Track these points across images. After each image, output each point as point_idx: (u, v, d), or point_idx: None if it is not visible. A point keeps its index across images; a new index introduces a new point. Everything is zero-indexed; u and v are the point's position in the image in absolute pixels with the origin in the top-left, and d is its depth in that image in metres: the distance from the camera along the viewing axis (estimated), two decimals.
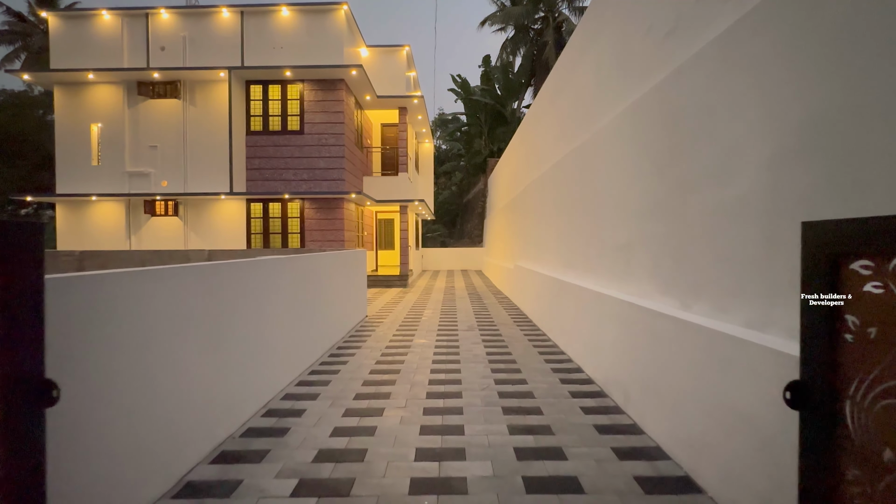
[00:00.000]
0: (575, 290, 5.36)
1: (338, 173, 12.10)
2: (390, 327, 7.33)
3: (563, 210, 6.68)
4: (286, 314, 4.32)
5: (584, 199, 5.49)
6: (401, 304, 10.15)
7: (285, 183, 12.11)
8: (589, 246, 5.29)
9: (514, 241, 11.96)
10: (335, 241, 12.12)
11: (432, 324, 7.57)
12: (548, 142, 8.13)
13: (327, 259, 5.96)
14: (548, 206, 7.73)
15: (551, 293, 6.58)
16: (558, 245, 6.88)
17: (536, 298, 7.64)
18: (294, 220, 12.18)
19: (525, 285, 8.87)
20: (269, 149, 12.11)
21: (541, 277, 7.41)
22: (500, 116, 28.03)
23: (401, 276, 14.26)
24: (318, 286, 5.49)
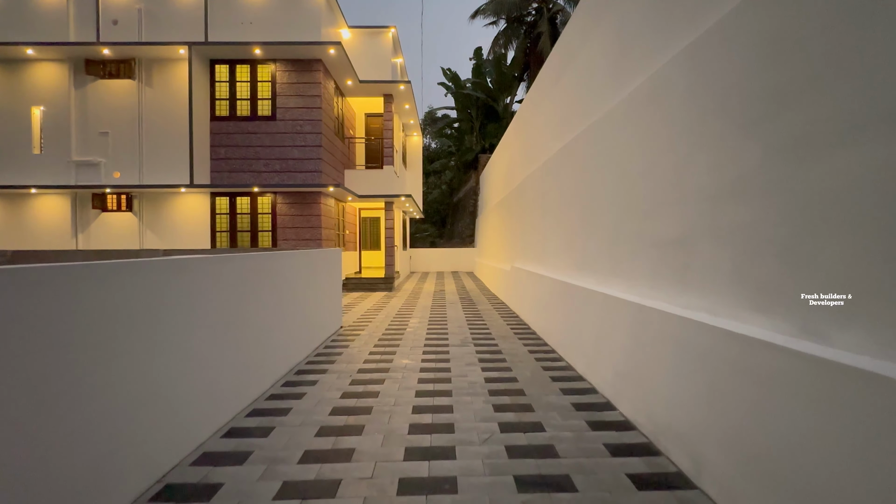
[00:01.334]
0: (597, 299, 4.22)
1: (314, 164, 10.84)
2: (368, 342, 6.11)
3: (574, 201, 5.55)
4: (213, 336, 3.09)
5: (608, 185, 4.36)
6: (384, 310, 8.93)
7: (255, 175, 10.82)
8: (616, 243, 4.16)
9: (510, 241, 10.83)
10: (311, 241, 10.85)
11: (418, 337, 6.37)
12: (552, 125, 7.00)
13: (284, 260, 4.74)
14: (552, 198, 6.59)
15: (562, 301, 5.43)
16: (568, 244, 5.75)
17: (540, 306, 6.50)
18: (265, 217, 10.88)
19: (525, 290, 7.74)
20: (236, 136, 10.80)
21: (545, 282, 6.27)
22: (492, 111, 26.97)
23: (386, 278, 13.03)
24: (269, 294, 4.26)
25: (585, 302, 4.58)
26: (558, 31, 23.00)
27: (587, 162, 5.06)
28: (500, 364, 4.92)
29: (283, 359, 4.53)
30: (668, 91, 3.24)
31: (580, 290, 4.79)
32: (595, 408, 3.59)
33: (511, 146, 11.74)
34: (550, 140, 7.06)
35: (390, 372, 4.62)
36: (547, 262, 6.79)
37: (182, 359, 2.74)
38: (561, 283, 5.56)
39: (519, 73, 25.65)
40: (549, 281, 6.16)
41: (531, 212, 8.15)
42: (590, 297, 4.46)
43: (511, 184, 11.26)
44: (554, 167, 6.55)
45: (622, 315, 3.59)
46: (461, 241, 24.30)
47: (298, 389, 4.08)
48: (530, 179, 8.36)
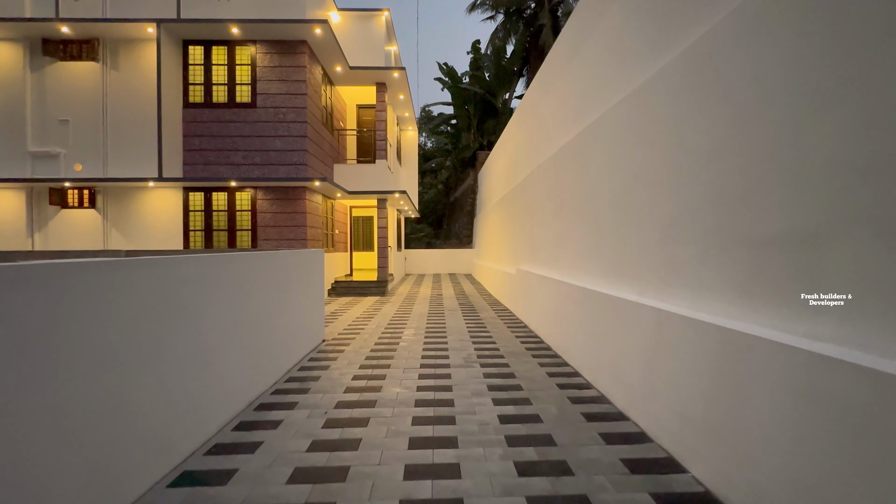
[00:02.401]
0: (647, 317, 3.26)
1: (299, 156, 9.82)
2: (353, 360, 5.12)
3: (601, 193, 4.60)
4: (91, 383, 2.09)
5: (657, 170, 3.40)
6: (375, 318, 7.92)
7: (233, 168, 9.78)
8: (672, 243, 3.19)
9: (514, 241, 9.87)
10: (295, 240, 9.82)
11: (413, 354, 5.38)
12: (567, 107, 6.05)
13: (239, 264, 3.73)
14: (570, 191, 5.64)
15: (586, 313, 4.47)
16: (594, 244, 4.78)
17: (556, 316, 5.54)
18: (244, 214, 9.84)
19: (535, 296, 6.77)
20: (212, 125, 9.76)
21: (562, 289, 5.30)
22: (491, 107, 26.03)
23: (378, 282, 12.02)
24: (216, 310, 3.25)
25: (624, 317, 3.61)
26: (560, 24, 22.11)
27: (621, 144, 4.10)
28: (515, 394, 3.94)
29: (234, 392, 3.51)
30: (772, 18, 2.28)
31: (614, 302, 3.83)
32: (656, 468, 2.62)
33: (514, 139, 10.78)
34: (566, 124, 6.10)
35: (377, 407, 3.62)
36: (563, 265, 5.82)
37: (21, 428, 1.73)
38: (584, 291, 4.59)
39: (518, 67, 24.73)
40: (567, 288, 5.19)
41: (541, 208, 7.19)
42: (632, 312, 3.49)
43: (514, 179, 10.30)
44: (572, 154, 5.58)
45: (693, 341, 2.62)
46: (459, 241, 23.34)
47: (253, 436, 3.08)
48: (539, 172, 7.39)
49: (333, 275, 12.12)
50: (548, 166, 6.78)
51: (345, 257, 13.74)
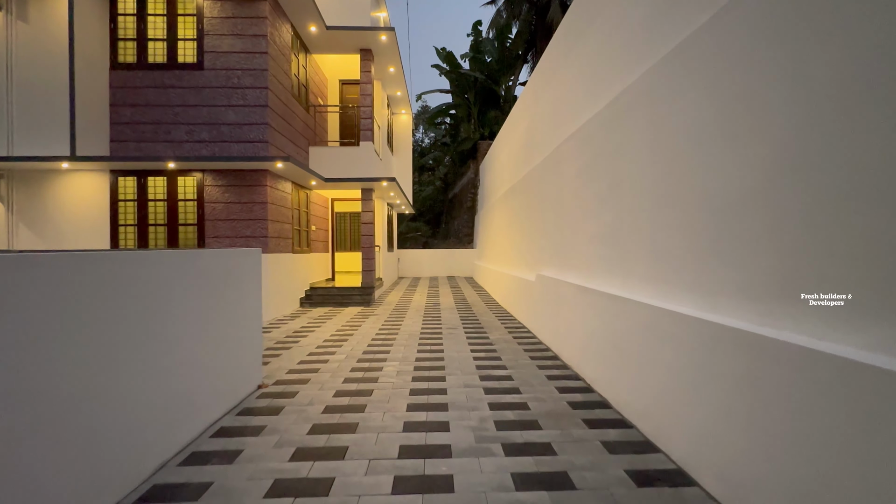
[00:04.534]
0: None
1: (258, 131, 7.76)
2: (295, 430, 3.08)
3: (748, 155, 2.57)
4: None
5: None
6: (349, 342, 5.87)
7: (174, 146, 7.72)
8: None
9: (529, 239, 7.83)
10: (254, 238, 7.77)
11: (391, 420, 3.32)
12: (632, 31, 4.02)
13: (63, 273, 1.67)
14: (638, 156, 3.62)
15: (699, 359, 2.44)
16: (701, 238, 2.75)
17: (615, 350, 3.51)
18: (188, 205, 7.77)
19: (569, 316, 4.75)
20: (147, 92, 7.69)
21: (637, 313, 3.27)
22: (492, 96, 24.03)
23: (362, 288, 9.97)
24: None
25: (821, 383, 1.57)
26: (568, 2, 20.11)
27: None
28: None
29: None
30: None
31: (796, 353, 1.81)
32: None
33: (528, 113, 8.75)
34: (627, 61, 4.07)
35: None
36: (624, 271, 3.79)
37: None
38: (706, 326, 2.57)
39: (523, 51, 22.71)
40: (645, 312, 3.17)
41: (573, 193, 5.16)
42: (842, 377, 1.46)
43: (529, 162, 8.28)
44: (644, 99, 3.55)
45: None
46: (458, 240, 21.33)
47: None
48: (571, 146, 5.36)
49: (309, 280, 10.07)
50: (589, 132, 4.75)
51: (324, 259, 11.68)
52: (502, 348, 5.56)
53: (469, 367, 4.70)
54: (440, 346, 5.71)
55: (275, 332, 6.67)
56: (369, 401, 3.68)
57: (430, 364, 4.81)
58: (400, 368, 4.65)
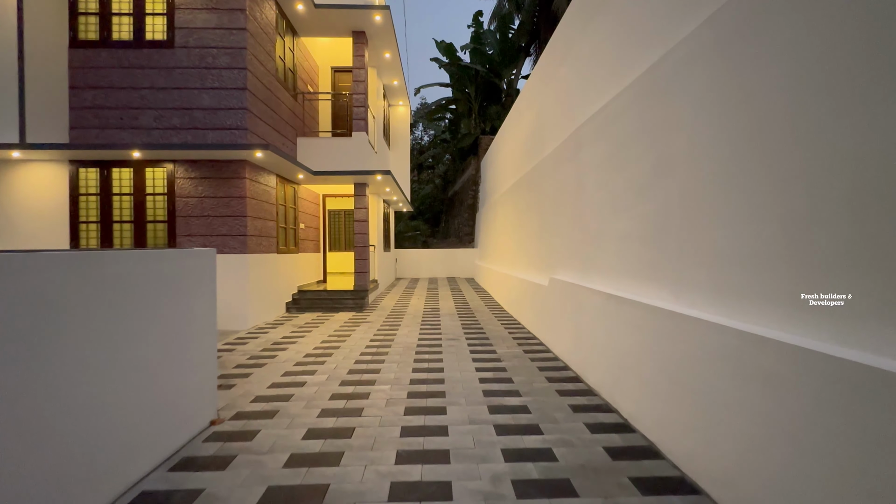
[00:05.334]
0: None
1: (236, 117, 6.93)
2: (243, 498, 2.24)
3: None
4: None
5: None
6: (334, 357, 5.04)
7: (141, 133, 6.89)
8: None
9: (539, 238, 7.01)
10: (232, 236, 6.94)
11: (381, 460, 2.49)
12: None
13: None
14: (694, 129, 2.80)
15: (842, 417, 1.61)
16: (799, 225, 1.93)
17: (669, 381, 2.69)
18: (158, 200, 6.94)
19: (594, 330, 3.94)
20: (111, 73, 6.86)
21: (702, 335, 2.44)
22: (494, 90, 23.21)
23: (355, 291, 9.15)
24: None
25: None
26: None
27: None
28: None
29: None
30: None
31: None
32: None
33: (534, 102, 7.92)
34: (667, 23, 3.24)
35: None
36: (688, 281, 2.96)
37: None
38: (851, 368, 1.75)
39: (526, 43, 21.86)
40: (717, 334, 2.35)
41: (598, 182, 4.34)
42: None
43: (538, 152, 7.45)
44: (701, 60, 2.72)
45: None
46: (458, 240, 20.51)
47: None
48: (596, 126, 4.53)
49: (296, 283, 9.24)
50: (618, 109, 3.92)
51: (316, 259, 10.85)
52: (513, 366, 4.73)
53: (475, 392, 3.88)
54: (440, 362, 4.88)
55: (251, 344, 5.84)
56: (348, 445, 2.86)
57: (428, 389, 3.99)
58: (391, 395, 3.83)
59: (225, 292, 6.84)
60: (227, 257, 6.89)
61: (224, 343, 5.93)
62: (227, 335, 6.45)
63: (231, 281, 6.87)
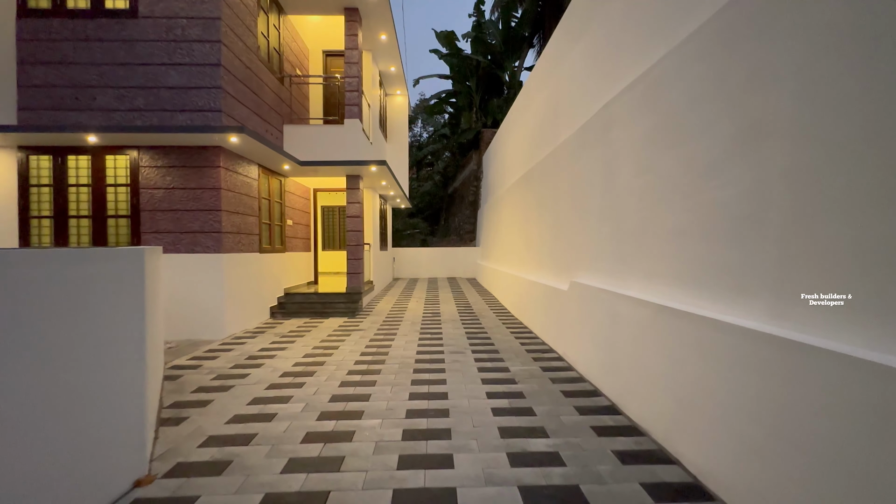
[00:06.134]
0: None
1: (209, 97, 6.07)
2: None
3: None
4: None
5: None
6: (319, 374, 4.20)
7: (101, 115, 6.04)
8: None
9: (554, 235, 6.17)
10: (204, 233, 6.09)
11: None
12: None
13: None
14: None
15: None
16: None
17: (815, 462, 1.86)
18: (120, 192, 6.10)
19: (639, 350, 3.12)
20: (65, 47, 6.01)
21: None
22: (496, 82, 22.36)
23: (348, 294, 8.32)
24: None
25: None
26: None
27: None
28: None
29: None
30: None
31: None
32: None
33: (545, 84, 7.07)
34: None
35: None
36: (793, 292, 2.13)
37: None
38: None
39: (529, 33, 20.99)
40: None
41: (636, 168, 3.51)
42: None
43: (549, 141, 6.61)
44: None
45: None
46: (459, 238, 19.68)
47: None
48: (631, 100, 3.70)
49: (283, 285, 8.41)
50: (670, 69, 3.09)
51: (305, 259, 10.00)
52: (531, 389, 3.90)
53: (488, 430, 3.05)
54: (442, 384, 4.05)
55: (222, 359, 5.01)
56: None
57: (429, 425, 3.15)
58: (381, 435, 3.00)
59: (196, 297, 6.01)
60: (198, 257, 6.05)
61: (189, 357, 5.09)
62: (198, 347, 5.62)
63: (203, 284, 6.03)
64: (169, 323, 5.94)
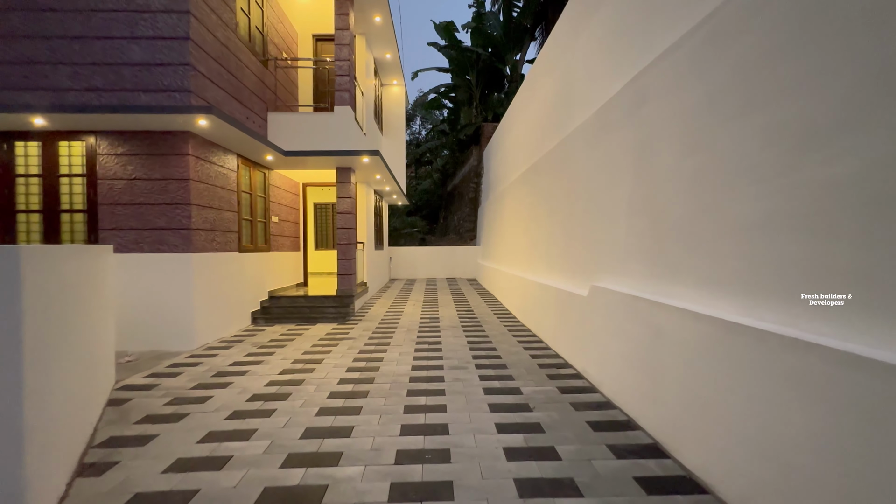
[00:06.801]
0: None
1: (176, 75, 5.34)
2: None
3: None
4: None
5: None
6: (294, 398, 3.48)
7: (52, 94, 5.30)
8: None
9: (567, 234, 5.45)
10: (171, 230, 5.36)
11: None
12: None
13: None
14: None
15: None
16: None
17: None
18: (75, 182, 5.37)
19: (695, 377, 2.41)
20: (11, 17, 5.28)
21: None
22: (496, 76, 21.62)
23: (339, 297, 7.60)
24: None
25: None
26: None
27: None
28: None
29: None
30: None
31: None
32: None
33: (556, 67, 6.35)
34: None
35: None
36: None
37: None
38: None
39: (532, 24, 20.25)
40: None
41: (697, 147, 2.81)
42: None
43: (561, 128, 5.89)
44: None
45: None
46: (458, 236, 18.96)
47: None
48: (672, 68, 3.00)
49: (267, 287, 7.68)
50: (746, 10, 2.38)
51: (294, 259, 9.27)
52: (552, 421, 3.19)
53: (503, 486, 2.34)
54: (442, 412, 3.34)
55: (184, 376, 4.28)
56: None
57: (424, 476, 2.44)
58: (362, 494, 2.28)
59: (162, 303, 5.28)
60: (165, 257, 5.32)
61: (147, 374, 4.36)
62: (161, 360, 4.89)
63: (170, 288, 5.30)
64: (130, 332, 5.21)
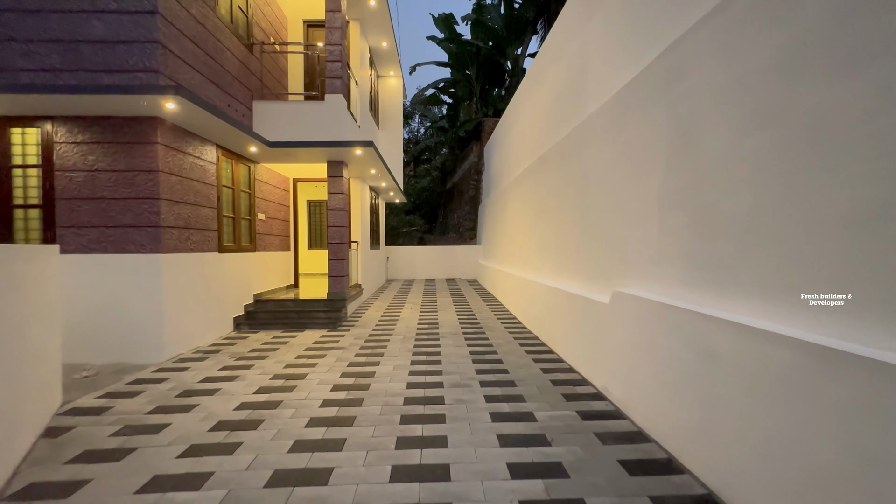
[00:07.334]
0: None
1: (142, 54, 4.75)
2: None
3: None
4: None
5: None
6: (267, 426, 2.90)
7: (3, 76, 4.70)
8: None
9: (581, 233, 4.87)
10: (138, 228, 4.79)
11: None
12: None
13: None
14: None
15: None
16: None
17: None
18: (29, 174, 4.79)
19: (768, 421, 1.84)
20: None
21: None
22: (497, 70, 21.03)
23: (329, 301, 7.03)
24: None
25: None
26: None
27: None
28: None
29: None
30: None
31: None
32: None
33: (565, 51, 5.76)
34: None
35: None
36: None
37: None
38: None
39: (534, 16, 19.65)
40: None
41: (769, 118, 2.24)
42: None
43: (572, 117, 5.31)
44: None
45: None
46: (458, 235, 18.38)
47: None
48: (708, 39, 2.43)
49: (252, 290, 7.09)
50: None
51: (283, 260, 8.68)
52: (577, 461, 2.62)
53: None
54: (442, 447, 2.77)
55: (142, 396, 3.70)
56: None
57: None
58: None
59: (128, 309, 4.70)
60: (130, 258, 4.74)
61: (101, 394, 3.78)
62: (123, 375, 4.31)
63: (137, 293, 4.73)
64: (92, 343, 4.64)
